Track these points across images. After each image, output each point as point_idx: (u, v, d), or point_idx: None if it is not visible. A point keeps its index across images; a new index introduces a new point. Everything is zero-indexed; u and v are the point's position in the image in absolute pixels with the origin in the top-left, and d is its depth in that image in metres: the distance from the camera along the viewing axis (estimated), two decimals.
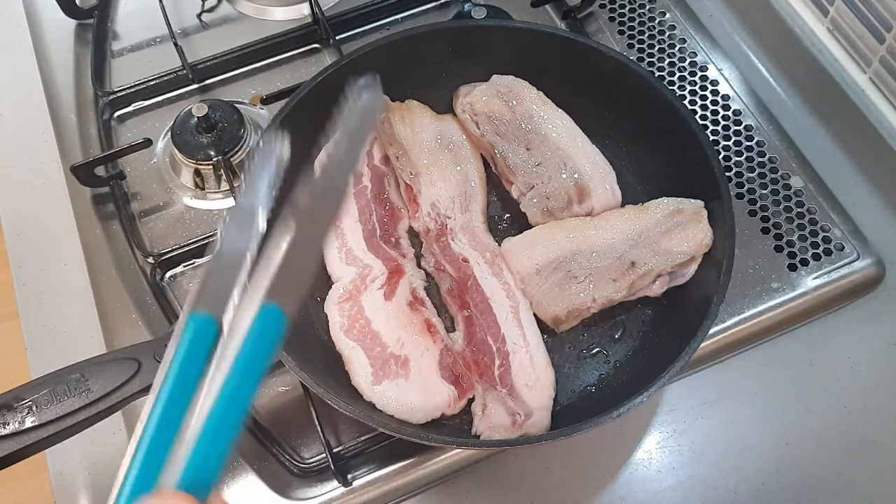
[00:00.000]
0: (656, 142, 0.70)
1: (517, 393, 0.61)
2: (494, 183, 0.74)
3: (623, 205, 0.70)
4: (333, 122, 0.41)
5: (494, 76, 0.74)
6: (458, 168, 0.72)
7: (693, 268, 0.64)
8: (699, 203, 0.65)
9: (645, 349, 0.65)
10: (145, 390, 0.51)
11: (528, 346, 0.64)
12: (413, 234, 0.71)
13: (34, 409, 0.48)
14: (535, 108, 0.73)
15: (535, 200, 0.69)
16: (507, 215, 0.73)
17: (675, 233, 0.64)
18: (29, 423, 0.48)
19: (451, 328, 0.67)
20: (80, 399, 0.49)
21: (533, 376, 0.62)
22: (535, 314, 0.66)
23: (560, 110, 0.73)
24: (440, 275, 0.68)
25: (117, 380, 0.50)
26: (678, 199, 0.66)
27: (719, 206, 0.63)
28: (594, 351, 0.66)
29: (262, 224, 0.34)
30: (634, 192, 0.71)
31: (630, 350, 0.65)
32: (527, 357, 0.63)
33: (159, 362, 0.51)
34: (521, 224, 0.70)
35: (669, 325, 0.64)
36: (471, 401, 0.63)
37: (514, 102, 0.73)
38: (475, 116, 0.73)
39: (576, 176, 0.70)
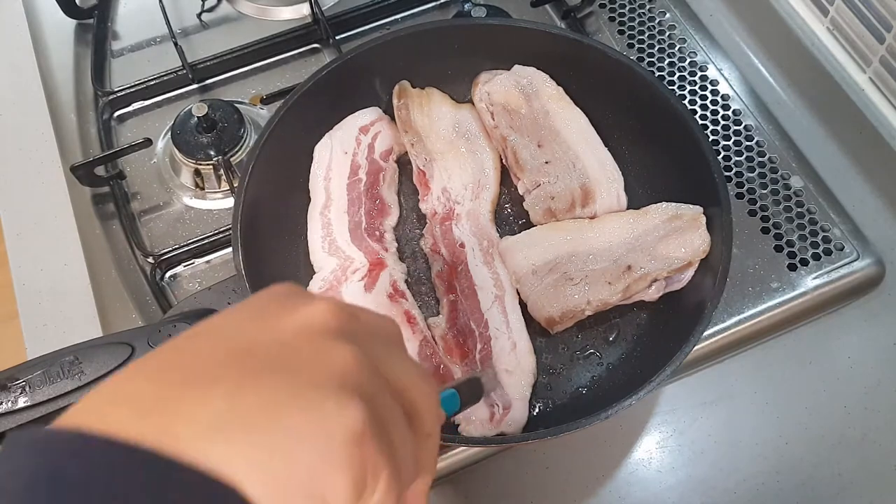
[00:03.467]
0: (659, 146, 0.69)
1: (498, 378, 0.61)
2: (506, 175, 0.73)
3: None
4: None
5: (517, 66, 0.73)
6: (475, 156, 0.72)
7: (690, 273, 0.63)
8: (698, 209, 0.65)
9: (638, 353, 0.64)
10: None
11: (510, 332, 0.63)
12: (399, 229, 0.71)
13: (27, 389, 0.48)
14: (552, 103, 0.72)
15: (539, 199, 0.69)
16: (517, 208, 0.72)
17: (672, 238, 0.64)
18: (21, 403, 0.48)
19: (436, 313, 0.66)
20: (73, 381, 0.49)
21: (514, 362, 0.62)
22: (528, 314, 0.65)
23: (577, 109, 0.72)
24: (434, 256, 0.68)
25: (110, 363, 0.50)
26: (677, 204, 0.66)
27: (718, 214, 0.63)
28: (588, 353, 0.65)
29: None
30: (636, 195, 0.71)
31: (623, 353, 0.65)
32: (509, 342, 0.63)
33: (152, 347, 0.52)
34: (529, 218, 0.70)
35: (664, 330, 0.64)
36: None
37: (533, 96, 0.72)
38: (492, 107, 0.72)
39: (583, 178, 0.69)
